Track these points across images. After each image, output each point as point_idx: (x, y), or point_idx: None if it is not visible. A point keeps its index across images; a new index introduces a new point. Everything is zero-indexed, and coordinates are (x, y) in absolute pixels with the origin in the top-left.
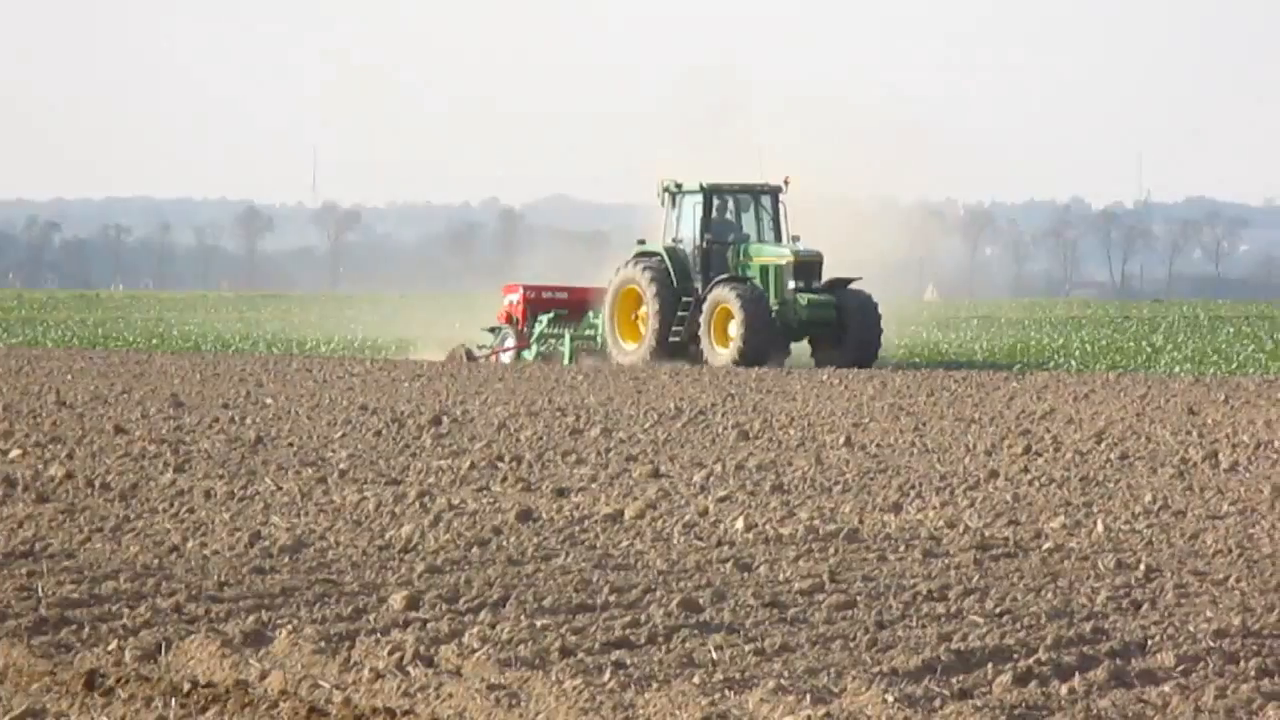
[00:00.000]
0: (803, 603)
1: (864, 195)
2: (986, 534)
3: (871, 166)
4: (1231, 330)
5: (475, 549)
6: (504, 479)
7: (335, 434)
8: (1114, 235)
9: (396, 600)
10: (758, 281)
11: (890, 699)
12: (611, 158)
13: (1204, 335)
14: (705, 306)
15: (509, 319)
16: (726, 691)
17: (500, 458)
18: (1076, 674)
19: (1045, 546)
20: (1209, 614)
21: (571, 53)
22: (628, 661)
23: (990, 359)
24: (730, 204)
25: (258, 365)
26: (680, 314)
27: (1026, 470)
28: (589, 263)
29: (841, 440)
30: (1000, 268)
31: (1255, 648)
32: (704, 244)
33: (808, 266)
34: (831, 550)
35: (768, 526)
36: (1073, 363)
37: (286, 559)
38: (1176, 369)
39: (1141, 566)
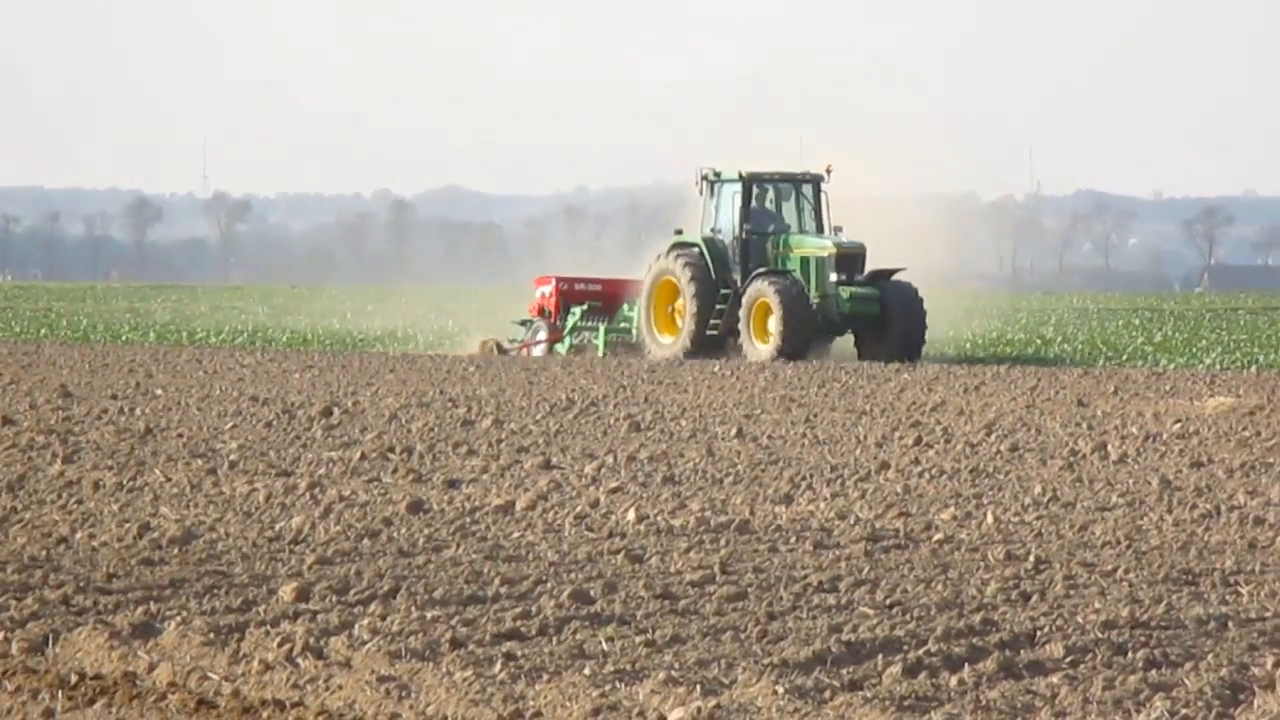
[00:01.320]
0: (694, 594)
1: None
2: (877, 525)
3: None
4: (1121, 322)
5: (366, 540)
6: (395, 470)
7: (225, 425)
8: (1005, 228)
9: (286, 592)
10: (798, 273)
11: (780, 690)
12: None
13: (1094, 327)
14: (744, 300)
15: (541, 311)
16: (617, 683)
17: (391, 449)
18: (966, 665)
19: (935, 538)
20: (1097, 605)
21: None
22: (518, 653)
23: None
24: (770, 193)
25: (147, 356)
26: (719, 307)
27: (917, 462)
28: (480, 253)
29: (733, 432)
30: (898, 254)
31: (1143, 639)
32: (743, 235)
33: (850, 258)
34: (723, 542)
35: (659, 518)
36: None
37: (176, 550)
38: (1066, 361)
39: (1031, 558)
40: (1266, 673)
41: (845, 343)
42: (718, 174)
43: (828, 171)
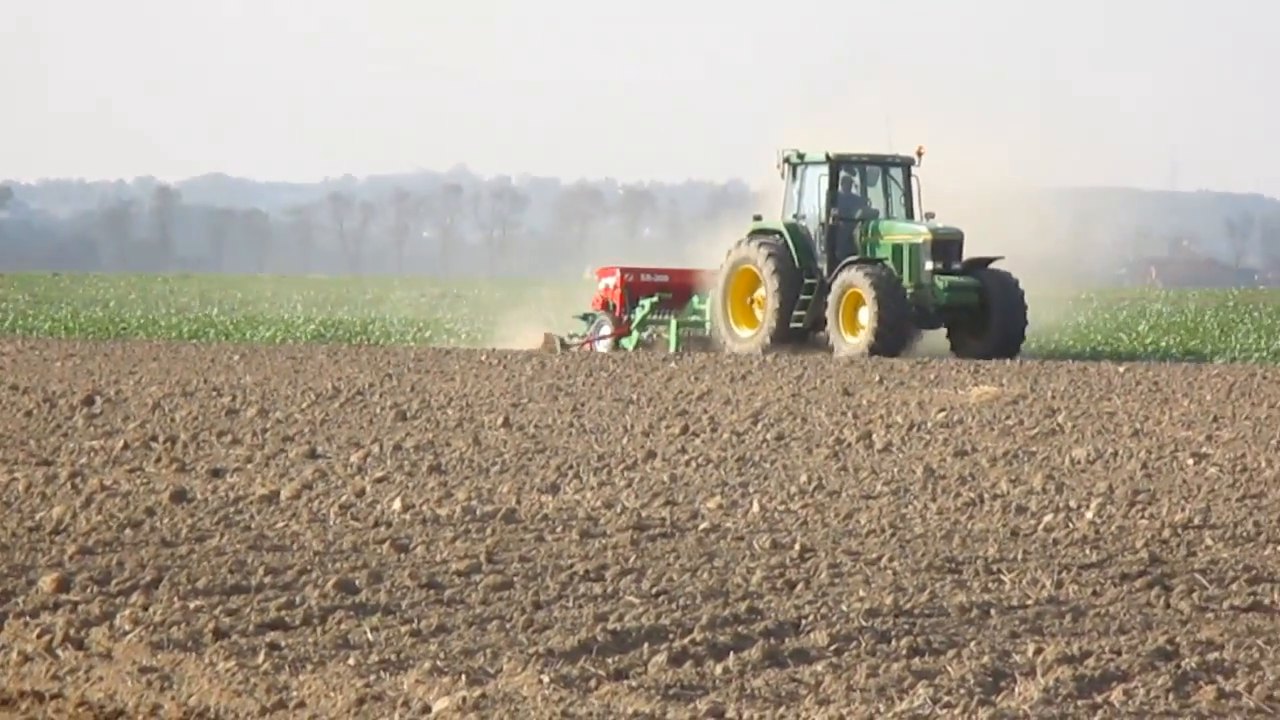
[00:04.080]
0: (459, 583)
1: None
2: (643, 514)
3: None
4: None
5: (128, 530)
6: (158, 460)
7: None
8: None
9: (46, 582)
10: (890, 262)
11: (546, 679)
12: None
13: None
14: (833, 290)
15: (604, 305)
16: (382, 673)
17: (154, 438)
18: (731, 653)
19: (702, 527)
20: (862, 593)
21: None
22: (282, 643)
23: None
24: (856, 177)
25: None
26: (803, 297)
27: (684, 451)
28: (246, 240)
29: (500, 421)
30: (660, 248)
31: (907, 626)
32: (830, 220)
33: (947, 245)
34: (489, 531)
35: (425, 507)
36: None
37: None
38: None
39: (796, 546)
40: (1027, 660)
41: (933, 337)
42: (801, 156)
43: (919, 154)
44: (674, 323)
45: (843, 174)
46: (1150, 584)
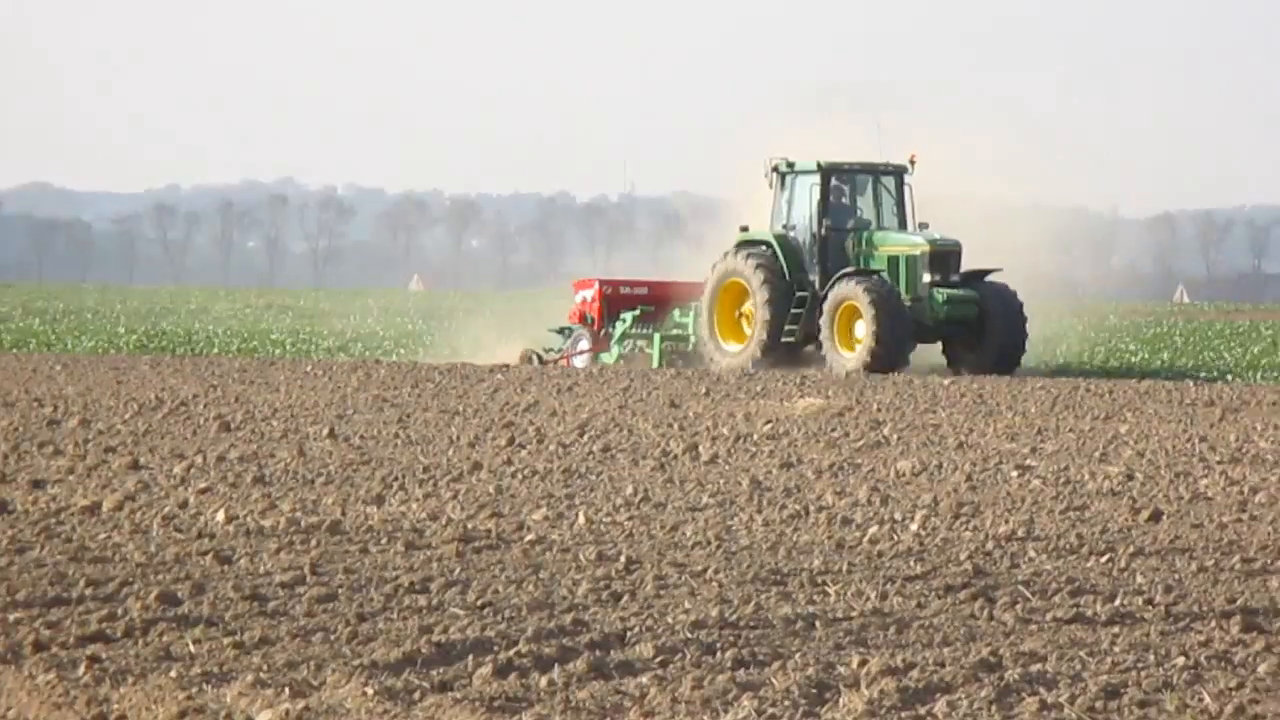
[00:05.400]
0: (283, 595)
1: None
2: (469, 526)
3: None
4: None
5: None
6: None
7: None
8: (598, 229)
9: None
10: (885, 274)
11: (370, 691)
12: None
13: None
14: (827, 304)
15: (582, 318)
16: (204, 685)
17: None
18: (556, 666)
19: (527, 538)
20: (688, 605)
21: None
22: (103, 655)
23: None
24: (847, 186)
25: None
26: (794, 311)
27: (510, 462)
28: (68, 251)
29: (325, 432)
30: (486, 259)
31: (732, 639)
32: (822, 231)
33: (945, 257)
34: (313, 542)
35: (249, 518)
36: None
37: None
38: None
39: (622, 558)
40: (852, 671)
41: (926, 351)
42: (791, 165)
43: (911, 162)
44: (658, 337)
45: (834, 183)
46: (974, 596)
